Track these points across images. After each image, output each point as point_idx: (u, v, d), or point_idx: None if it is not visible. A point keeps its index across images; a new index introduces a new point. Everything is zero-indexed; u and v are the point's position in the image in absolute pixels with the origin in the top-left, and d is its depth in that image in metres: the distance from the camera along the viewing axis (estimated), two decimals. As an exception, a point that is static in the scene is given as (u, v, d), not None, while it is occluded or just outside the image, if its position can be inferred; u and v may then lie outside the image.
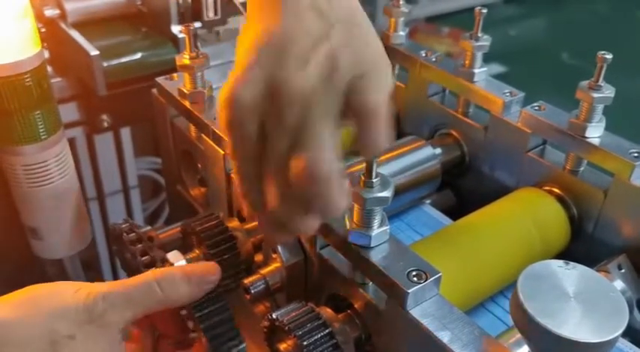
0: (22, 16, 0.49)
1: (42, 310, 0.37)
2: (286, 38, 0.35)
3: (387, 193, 0.38)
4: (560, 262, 0.34)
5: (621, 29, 2.69)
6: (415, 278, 0.36)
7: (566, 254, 0.53)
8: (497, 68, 2.22)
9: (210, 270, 0.42)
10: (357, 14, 0.38)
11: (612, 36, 2.53)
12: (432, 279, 0.36)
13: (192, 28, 0.52)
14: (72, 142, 0.82)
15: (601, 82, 0.48)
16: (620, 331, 0.31)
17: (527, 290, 0.32)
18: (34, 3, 0.51)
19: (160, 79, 0.58)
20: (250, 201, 0.37)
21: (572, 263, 0.34)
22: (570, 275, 0.33)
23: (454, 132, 0.60)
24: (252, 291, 0.46)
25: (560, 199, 0.52)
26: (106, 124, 0.84)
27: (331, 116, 0.34)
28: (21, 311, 0.36)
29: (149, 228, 0.53)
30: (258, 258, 0.49)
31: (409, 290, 0.36)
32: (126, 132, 0.87)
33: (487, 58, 0.57)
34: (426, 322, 0.36)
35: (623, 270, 0.47)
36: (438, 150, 0.58)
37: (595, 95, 0.48)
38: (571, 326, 0.31)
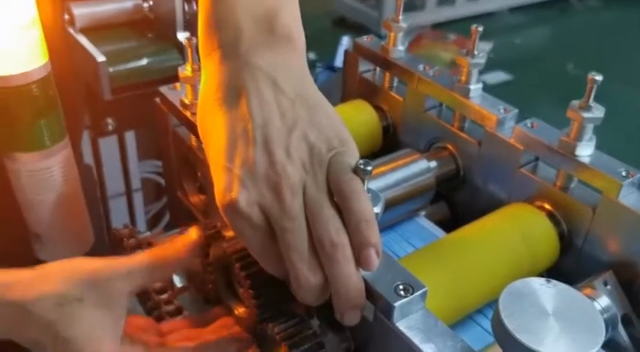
0: (30, 27, 0.50)
1: (52, 275, 0.39)
2: (265, 131, 0.37)
3: (377, 209, 0.39)
4: (542, 280, 0.35)
5: (627, 40, 2.69)
6: (402, 292, 0.37)
7: (555, 269, 0.54)
8: (502, 76, 2.22)
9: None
10: (313, 95, 0.40)
11: (617, 47, 2.53)
12: (418, 293, 0.38)
13: (194, 40, 0.53)
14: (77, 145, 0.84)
15: (591, 103, 0.49)
16: (596, 348, 0.32)
17: (507, 307, 0.34)
18: (43, 14, 0.52)
19: (162, 89, 0.59)
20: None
21: (553, 281, 0.35)
22: (550, 293, 0.34)
23: (449, 146, 0.61)
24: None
25: (551, 215, 0.53)
26: (110, 128, 0.86)
27: (325, 189, 0.37)
28: (35, 274, 0.39)
29: (149, 233, 0.54)
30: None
31: (396, 304, 0.37)
32: (130, 136, 0.89)
33: (492, 66, 0.58)
34: (411, 335, 0.37)
35: (608, 286, 0.48)
36: (433, 163, 0.60)
37: (585, 115, 0.49)
38: (549, 343, 0.32)
